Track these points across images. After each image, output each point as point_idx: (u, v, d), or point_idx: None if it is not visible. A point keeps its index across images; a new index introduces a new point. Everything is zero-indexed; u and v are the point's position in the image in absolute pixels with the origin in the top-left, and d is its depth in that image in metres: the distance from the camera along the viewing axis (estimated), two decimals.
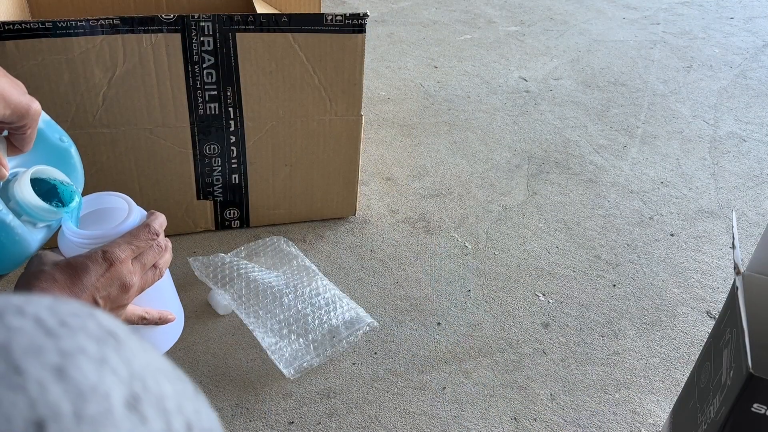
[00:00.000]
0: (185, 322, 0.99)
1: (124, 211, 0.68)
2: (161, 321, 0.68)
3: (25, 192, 0.64)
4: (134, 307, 0.64)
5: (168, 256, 0.66)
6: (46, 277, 0.57)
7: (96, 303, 0.58)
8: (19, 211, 0.65)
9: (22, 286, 0.58)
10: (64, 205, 0.69)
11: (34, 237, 0.66)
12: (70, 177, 0.71)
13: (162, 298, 0.74)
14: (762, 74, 1.88)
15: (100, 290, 0.58)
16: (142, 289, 0.63)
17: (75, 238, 0.65)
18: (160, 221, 0.66)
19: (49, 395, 0.20)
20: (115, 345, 0.23)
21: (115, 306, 0.60)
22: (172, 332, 0.75)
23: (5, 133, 0.65)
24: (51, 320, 0.23)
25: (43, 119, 0.70)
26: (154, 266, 0.64)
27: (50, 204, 0.67)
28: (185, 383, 0.25)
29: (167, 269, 0.68)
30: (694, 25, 2.20)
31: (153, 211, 0.67)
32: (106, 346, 0.23)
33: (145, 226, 0.64)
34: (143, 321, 0.66)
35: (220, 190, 1.12)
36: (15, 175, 0.66)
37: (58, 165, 0.71)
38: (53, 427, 0.20)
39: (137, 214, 0.68)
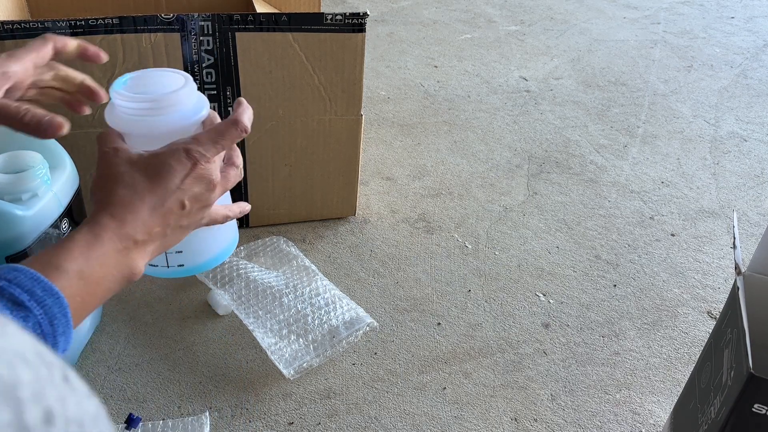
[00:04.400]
0: (185, 322, 0.99)
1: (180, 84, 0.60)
2: (241, 213, 0.65)
3: None
4: (217, 206, 0.61)
5: (240, 156, 0.62)
6: (125, 182, 0.53)
7: (183, 205, 0.55)
8: None
9: (99, 189, 0.54)
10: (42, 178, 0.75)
11: (26, 211, 0.73)
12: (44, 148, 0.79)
13: (227, 196, 0.70)
14: (763, 74, 1.88)
15: (187, 191, 0.55)
16: (225, 189, 0.60)
17: (124, 102, 0.57)
18: (248, 114, 0.59)
19: None
20: None
21: (202, 206, 0.57)
22: (232, 234, 0.70)
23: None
24: None
25: None
26: (235, 165, 0.61)
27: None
28: (53, 368, 0.23)
29: None
30: (694, 24, 2.19)
31: (240, 100, 0.61)
32: None
33: (234, 122, 0.57)
34: (227, 219, 0.62)
35: None
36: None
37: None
38: None
39: (197, 95, 0.60)
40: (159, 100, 0.56)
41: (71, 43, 0.60)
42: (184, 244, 0.60)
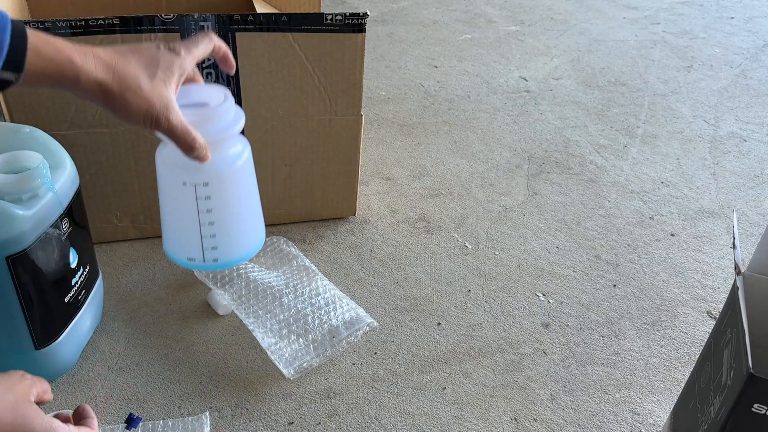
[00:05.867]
0: (185, 322, 0.99)
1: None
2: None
3: None
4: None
5: None
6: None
7: None
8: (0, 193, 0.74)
9: None
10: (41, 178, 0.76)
11: (26, 211, 0.74)
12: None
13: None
14: (762, 74, 1.88)
15: None
16: None
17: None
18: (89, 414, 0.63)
19: None
20: None
21: None
22: (261, 235, 0.69)
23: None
24: None
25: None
26: None
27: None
28: None
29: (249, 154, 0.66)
30: (694, 24, 2.19)
31: (84, 408, 0.64)
32: None
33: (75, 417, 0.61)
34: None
35: None
36: None
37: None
38: None
39: (235, 108, 0.63)
40: (204, 113, 0.60)
41: (223, 48, 0.65)
42: (218, 241, 0.63)
